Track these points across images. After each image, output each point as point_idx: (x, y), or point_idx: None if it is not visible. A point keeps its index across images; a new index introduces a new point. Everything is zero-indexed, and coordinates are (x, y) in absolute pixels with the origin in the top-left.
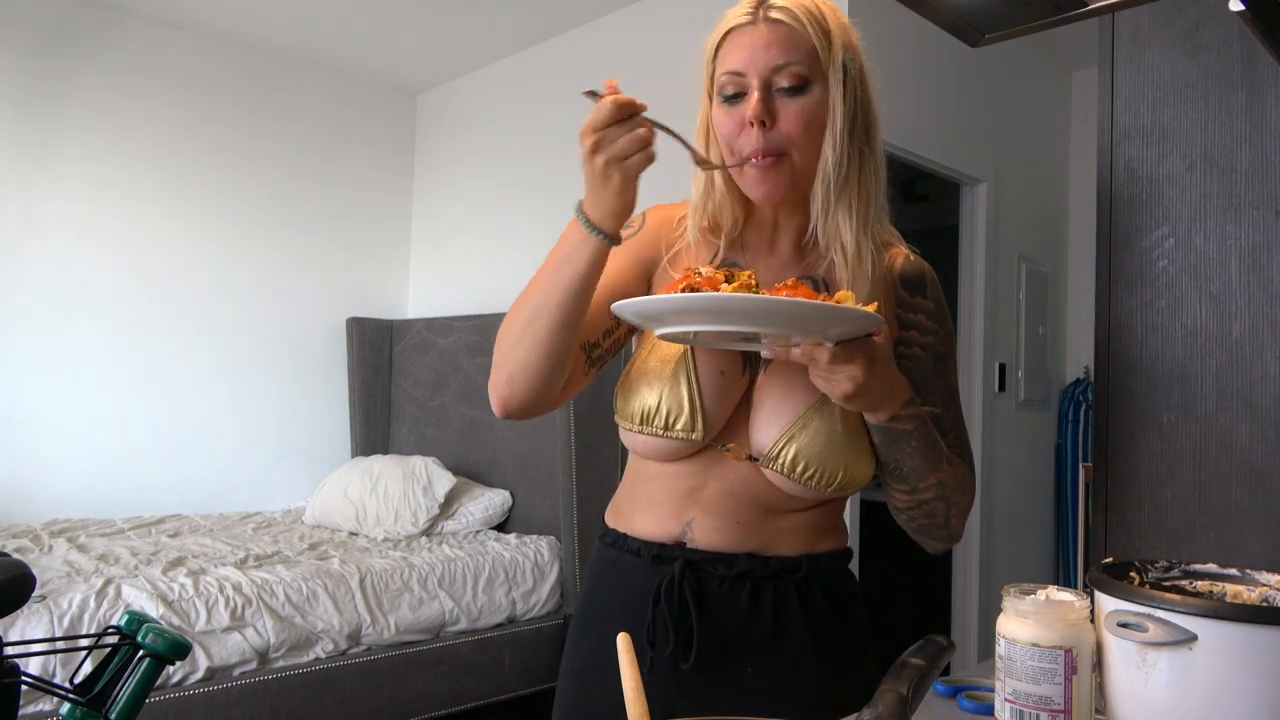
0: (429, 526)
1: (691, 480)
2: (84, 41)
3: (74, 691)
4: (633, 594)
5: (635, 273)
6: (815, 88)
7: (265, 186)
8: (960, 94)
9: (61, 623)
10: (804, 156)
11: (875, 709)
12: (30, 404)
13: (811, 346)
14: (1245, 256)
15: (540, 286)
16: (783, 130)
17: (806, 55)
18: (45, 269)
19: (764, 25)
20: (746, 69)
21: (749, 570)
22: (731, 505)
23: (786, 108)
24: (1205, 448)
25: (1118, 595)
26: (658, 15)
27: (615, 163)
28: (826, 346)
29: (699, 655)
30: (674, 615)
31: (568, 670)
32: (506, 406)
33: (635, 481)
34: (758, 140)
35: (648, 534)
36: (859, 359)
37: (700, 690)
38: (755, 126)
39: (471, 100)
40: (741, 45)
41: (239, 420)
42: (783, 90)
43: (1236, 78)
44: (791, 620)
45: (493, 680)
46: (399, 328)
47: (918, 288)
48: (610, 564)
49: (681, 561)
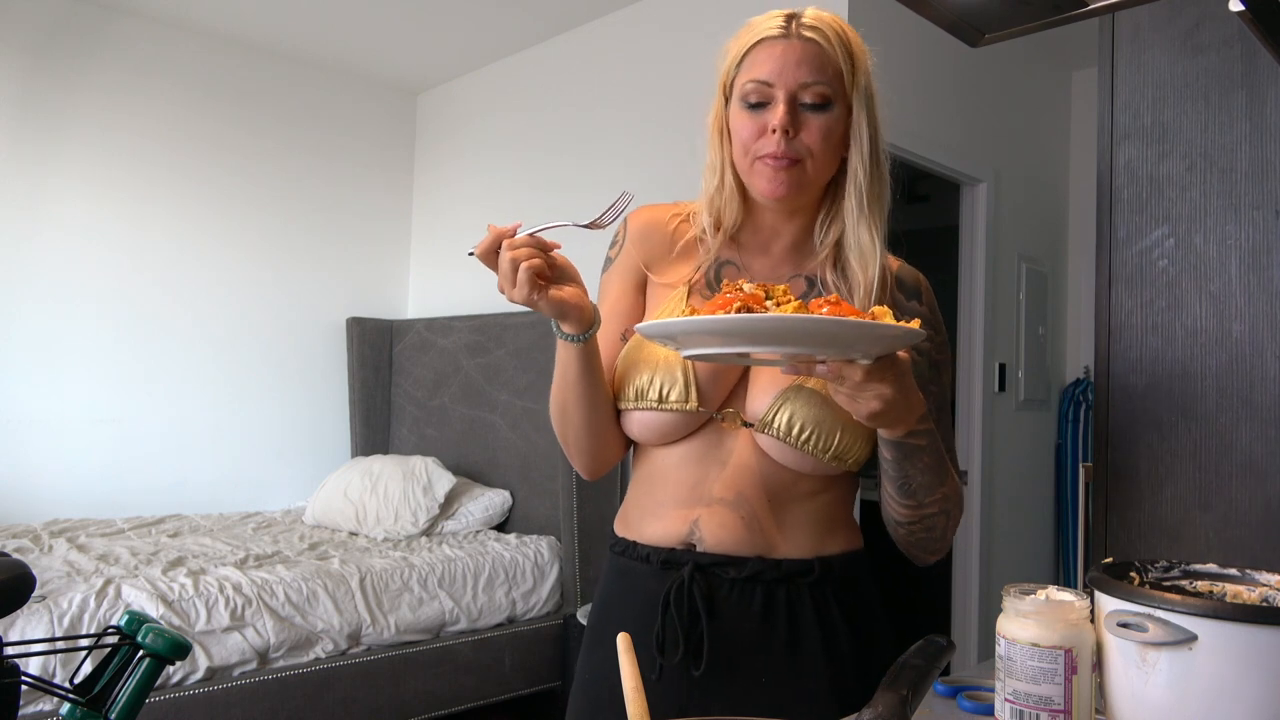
0: (429, 526)
1: (695, 471)
2: (84, 41)
3: (74, 691)
4: (643, 601)
5: (634, 297)
6: (835, 106)
7: (265, 186)
8: (960, 94)
9: (61, 623)
10: (817, 167)
11: (875, 709)
12: (31, 404)
13: (841, 364)
14: (1245, 256)
15: (556, 389)
16: (804, 141)
17: (832, 76)
18: (45, 269)
19: (796, 41)
20: (775, 81)
21: (759, 573)
22: (736, 495)
23: (808, 121)
24: (1205, 448)
25: (1118, 595)
26: (657, 15)
27: (510, 284)
28: (860, 364)
29: (710, 662)
30: (684, 621)
31: (581, 683)
32: (588, 474)
33: (641, 486)
34: (779, 145)
35: (656, 539)
36: (890, 376)
37: (712, 699)
38: (779, 134)
39: (471, 100)
40: (772, 57)
41: (239, 420)
42: (806, 105)
43: (1236, 78)
44: (806, 630)
45: (493, 680)
46: (399, 328)
47: (913, 293)
48: (621, 572)
49: (691, 565)
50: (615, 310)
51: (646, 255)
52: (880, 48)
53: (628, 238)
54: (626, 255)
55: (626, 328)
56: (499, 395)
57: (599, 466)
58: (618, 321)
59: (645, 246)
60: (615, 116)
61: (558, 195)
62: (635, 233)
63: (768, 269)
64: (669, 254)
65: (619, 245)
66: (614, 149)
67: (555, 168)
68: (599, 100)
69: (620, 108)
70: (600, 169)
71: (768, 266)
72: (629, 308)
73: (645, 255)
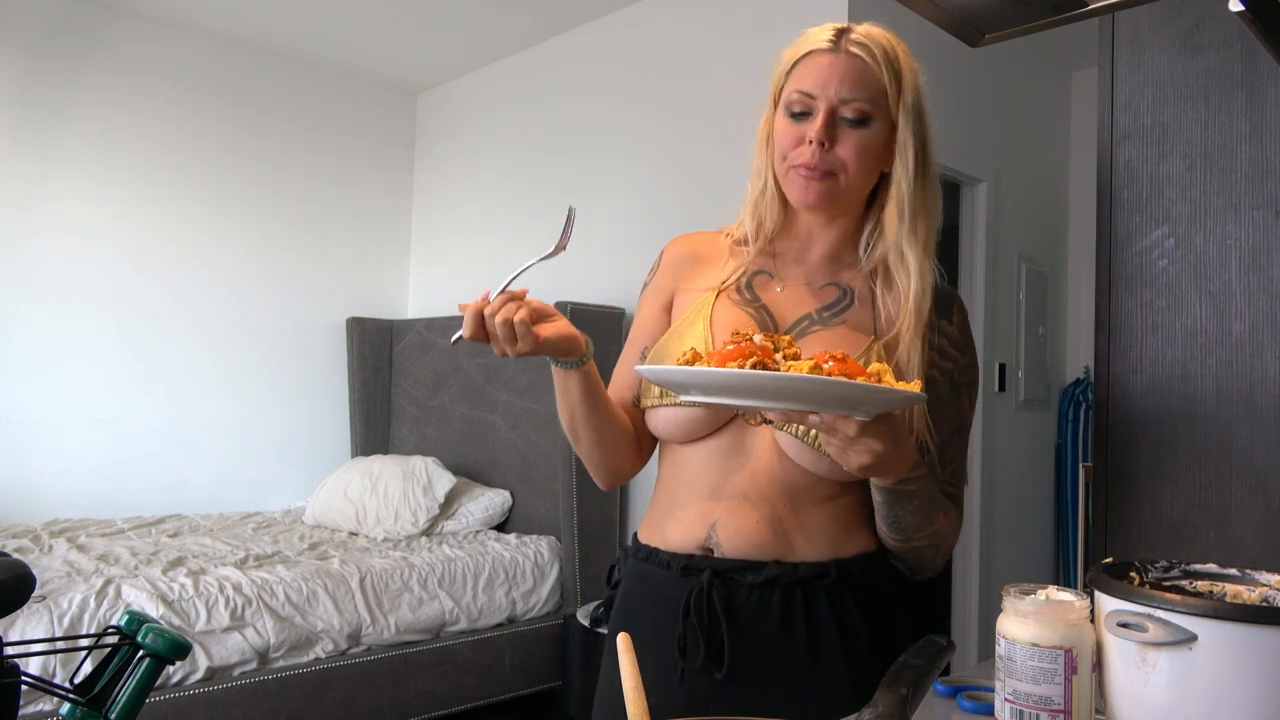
0: (429, 526)
1: (717, 470)
2: (84, 41)
3: (74, 691)
4: (664, 606)
5: (660, 318)
6: (875, 123)
7: (265, 186)
8: (960, 94)
9: (61, 623)
10: (850, 180)
11: (875, 709)
12: (31, 404)
13: (836, 418)
14: (1245, 256)
15: (564, 414)
16: (839, 154)
17: (875, 93)
18: (45, 269)
19: (844, 55)
20: (818, 93)
21: (777, 577)
22: (757, 495)
23: (846, 136)
24: (1205, 448)
25: (1118, 595)
26: (657, 15)
27: (511, 342)
28: (855, 420)
29: (731, 665)
30: (704, 626)
31: (606, 686)
32: (605, 485)
33: (665, 486)
34: (814, 156)
35: (676, 545)
36: (883, 432)
37: (735, 701)
38: (815, 145)
39: (471, 100)
40: (818, 69)
41: (239, 420)
42: (846, 120)
43: (1236, 78)
44: (825, 631)
45: (493, 680)
46: (399, 328)
47: (946, 311)
48: (642, 578)
49: (709, 571)
50: (644, 329)
51: (677, 278)
52: None
53: (662, 265)
54: (658, 281)
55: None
56: (499, 395)
57: (615, 478)
58: (642, 342)
59: (676, 271)
60: (615, 116)
61: (558, 195)
62: (669, 260)
63: (803, 276)
64: (706, 269)
65: (654, 271)
66: (614, 149)
67: (555, 168)
68: (599, 100)
69: (620, 107)
70: (600, 169)
71: (803, 274)
72: (653, 329)
73: (676, 279)
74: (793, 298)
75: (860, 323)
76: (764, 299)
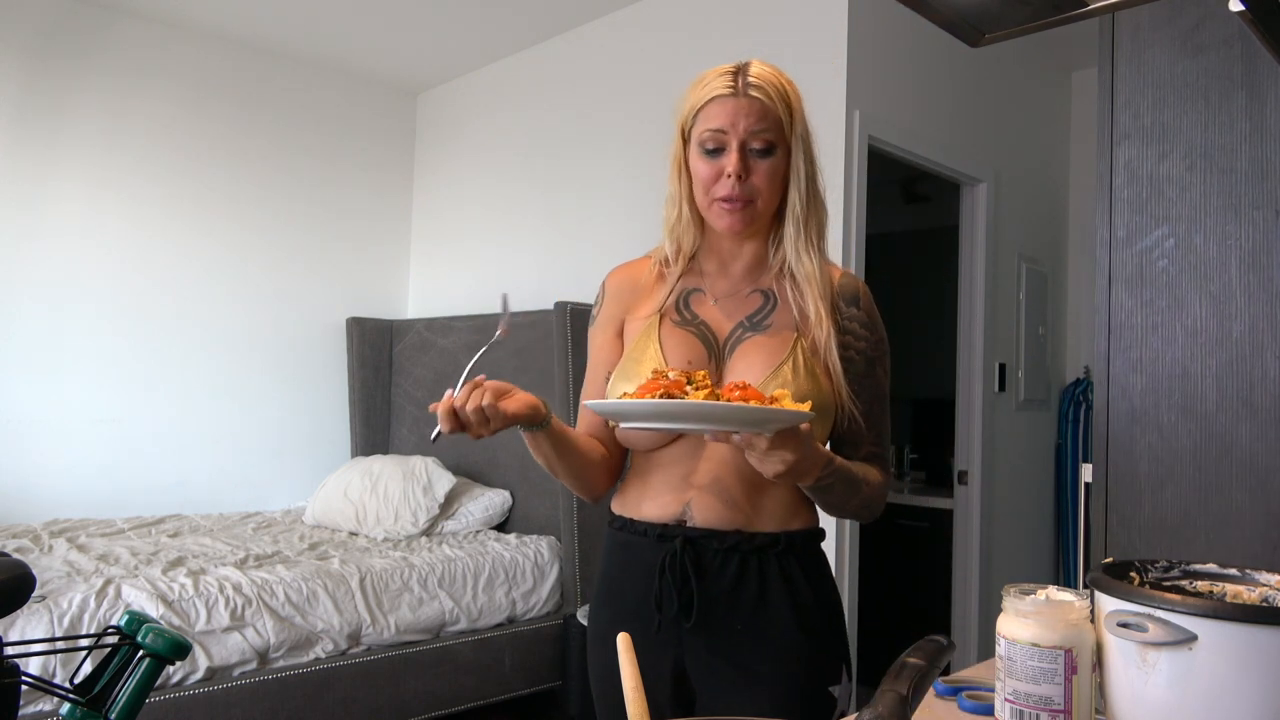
0: (429, 526)
1: (686, 466)
2: (84, 41)
3: (74, 691)
4: (642, 568)
5: (614, 344)
6: (778, 150)
7: (265, 186)
8: (960, 94)
9: (61, 623)
10: (765, 204)
11: (875, 709)
12: (31, 404)
13: (751, 435)
14: (1245, 256)
15: (541, 461)
16: (754, 182)
17: (774, 125)
18: (45, 269)
19: (744, 98)
20: (729, 129)
21: (737, 544)
22: (721, 484)
23: (757, 165)
24: (1205, 448)
25: (1118, 595)
26: (657, 15)
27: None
28: (765, 436)
29: (698, 616)
30: (676, 583)
31: (594, 635)
32: (590, 501)
33: (640, 473)
34: (734, 188)
35: (653, 517)
36: (790, 445)
37: (699, 644)
38: (733, 178)
39: (471, 100)
40: (725, 111)
41: (239, 420)
42: (754, 151)
43: (1236, 78)
44: (773, 586)
45: (493, 680)
46: (399, 328)
47: (852, 300)
48: (622, 545)
49: (681, 538)
50: (600, 359)
51: (622, 307)
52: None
53: (606, 296)
54: (606, 311)
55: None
56: None
57: (596, 495)
58: (604, 368)
59: (620, 300)
60: (615, 116)
61: (557, 195)
62: (611, 291)
63: (729, 288)
64: (645, 297)
65: (599, 304)
66: (613, 149)
67: (555, 168)
68: (599, 100)
69: (620, 108)
70: (600, 169)
71: (729, 286)
72: (610, 355)
73: (621, 308)
74: (725, 309)
75: (785, 322)
76: (701, 315)
